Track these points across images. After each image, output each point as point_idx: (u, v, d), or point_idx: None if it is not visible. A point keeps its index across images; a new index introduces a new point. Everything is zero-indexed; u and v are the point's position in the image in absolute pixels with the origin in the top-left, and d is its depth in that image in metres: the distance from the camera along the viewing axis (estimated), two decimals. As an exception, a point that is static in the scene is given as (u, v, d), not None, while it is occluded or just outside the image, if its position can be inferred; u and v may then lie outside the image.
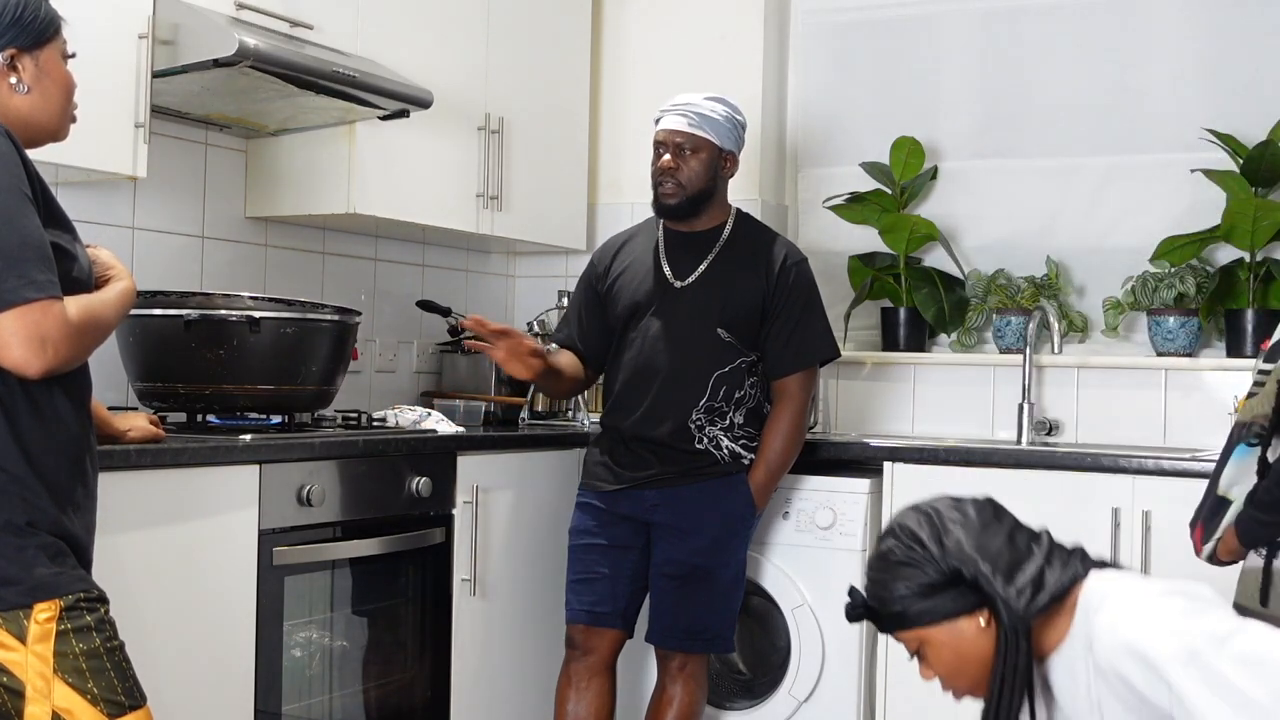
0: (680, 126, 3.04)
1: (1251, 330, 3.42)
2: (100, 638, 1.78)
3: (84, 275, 1.85)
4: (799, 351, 3.07)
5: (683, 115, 3.05)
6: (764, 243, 3.13)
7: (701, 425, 3.03)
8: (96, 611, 1.80)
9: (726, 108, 3.09)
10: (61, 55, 1.92)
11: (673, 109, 3.08)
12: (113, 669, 1.79)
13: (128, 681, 1.81)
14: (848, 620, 1.83)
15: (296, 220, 3.42)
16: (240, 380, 2.75)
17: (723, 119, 3.07)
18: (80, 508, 1.84)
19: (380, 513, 2.87)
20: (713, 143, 3.06)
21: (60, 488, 1.80)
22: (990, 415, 3.74)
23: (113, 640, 1.81)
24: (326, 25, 3.11)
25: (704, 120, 3.04)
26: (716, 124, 3.06)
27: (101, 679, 1.77)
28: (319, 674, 2.81)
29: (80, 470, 1.85)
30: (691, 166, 3.05)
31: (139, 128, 2.67)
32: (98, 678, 1.77)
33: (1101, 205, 3.74)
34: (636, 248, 3.19)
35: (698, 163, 3.05)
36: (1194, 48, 3.64)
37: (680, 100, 3.08)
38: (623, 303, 3.13)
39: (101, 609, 1.81)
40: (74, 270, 1.82)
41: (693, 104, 3.06)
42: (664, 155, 3.05)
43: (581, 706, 3.08)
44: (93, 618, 1.78)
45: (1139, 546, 2.99)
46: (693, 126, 3.04)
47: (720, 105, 3.08)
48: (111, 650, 1.80)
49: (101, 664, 1.78)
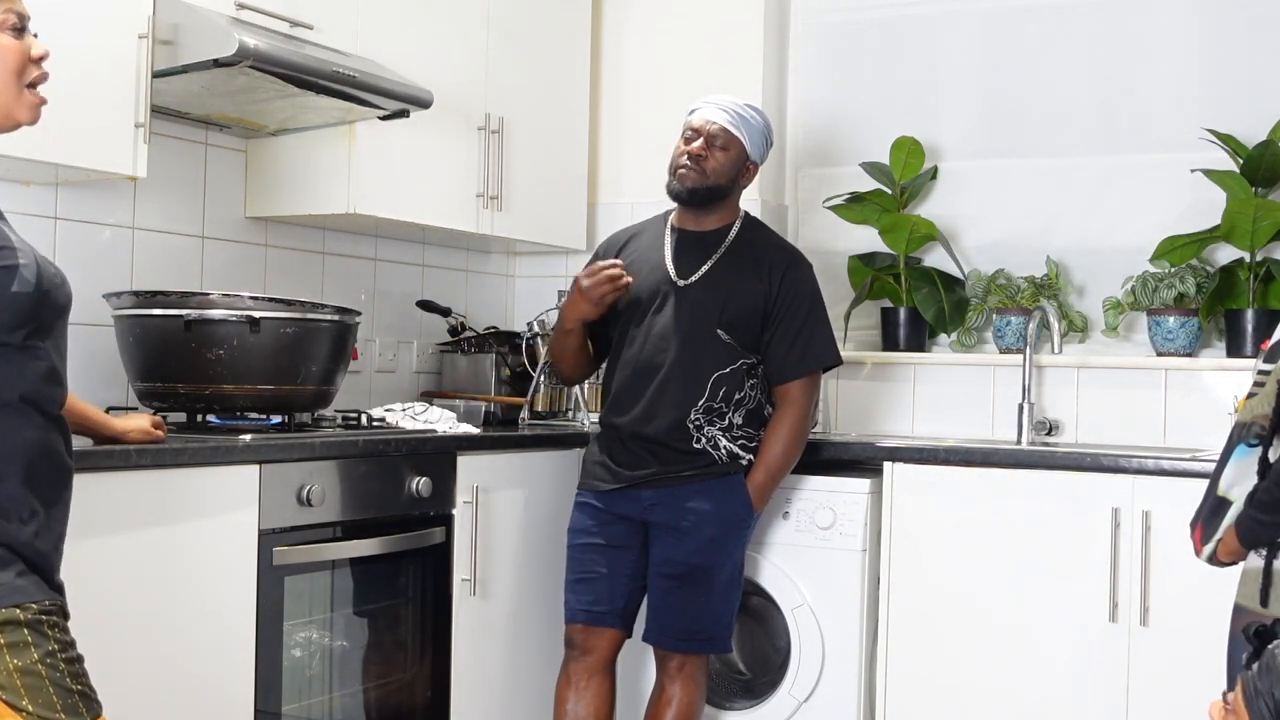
0: (719, 119, 3.07)
1: (1251, 330, 3.42)
2: (38, 653, 1.69)
3: (27, 288, 1.74)
4: (802, 357, 3.07)
5: (724, 110, 3.08)
6: (769, 247, 3.13)
7: (700, 425, 3.03)
8: (36, 626, 1.70)
9: (763, 120, 3.13)
10: (5, 28, 1.78)
11: (714, 103, 3.10)
12: (51, 685, 1.69)
13: (70, 697, 1.71)
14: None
15: (296, 220, 3.42)
16: (240, 380, 2.75)
17: (758, 128, 3.10)
18: (38, 516, 1.75)
19: (380, 513, 2.87)
20: (744, 145, 3.08)
21: (9, 497, 1.72)
22: (990, 415, 3.74)
23: (53, 656, 1.71)
24: (326, 25, 3.11)
25: (742, 122, 3.07)
26: (752, 130, 3.09)
27: (38, 696, 1.68)
28: (319, 674, 2.81)
29: (36, 479, 1.76)
30: (719, 159, 3.06)
31: (139, 128, 2.67)
32: (34, 694, 1.68)
33: (1101, 205, 3.74)
34: (643, 243, 3.20)
35: (725, 158, 3.07)
36: (1194, 48, 3.64)
37: (723, 97, 3.11)
38: (625, 298, 3.13)
39: (45, 622, 1.71)
40: (14, 284, 1.73)
41: (735, 104, 3.09)
42: (695, 141, 3.07)
43: (581, 706, 3.08)
44: (30, 633, 1.69)
45: (1139, 546, 2.99)
46: (730, 124, 3.06)
47: (758, 115, 3.12)
48: (52, 665, 1.70)
49: (39, 680, 1.68)
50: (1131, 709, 2.99)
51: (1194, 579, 2.67)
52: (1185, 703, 2.87)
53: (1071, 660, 3.05)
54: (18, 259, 1.76)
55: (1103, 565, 3.02)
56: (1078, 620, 3.05)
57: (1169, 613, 2.96)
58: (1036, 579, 3.09)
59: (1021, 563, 3.10)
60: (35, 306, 1.76)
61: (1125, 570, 3.00)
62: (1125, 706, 2.99)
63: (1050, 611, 3.07)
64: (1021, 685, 3.10)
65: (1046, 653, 3.08)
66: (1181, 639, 2.93)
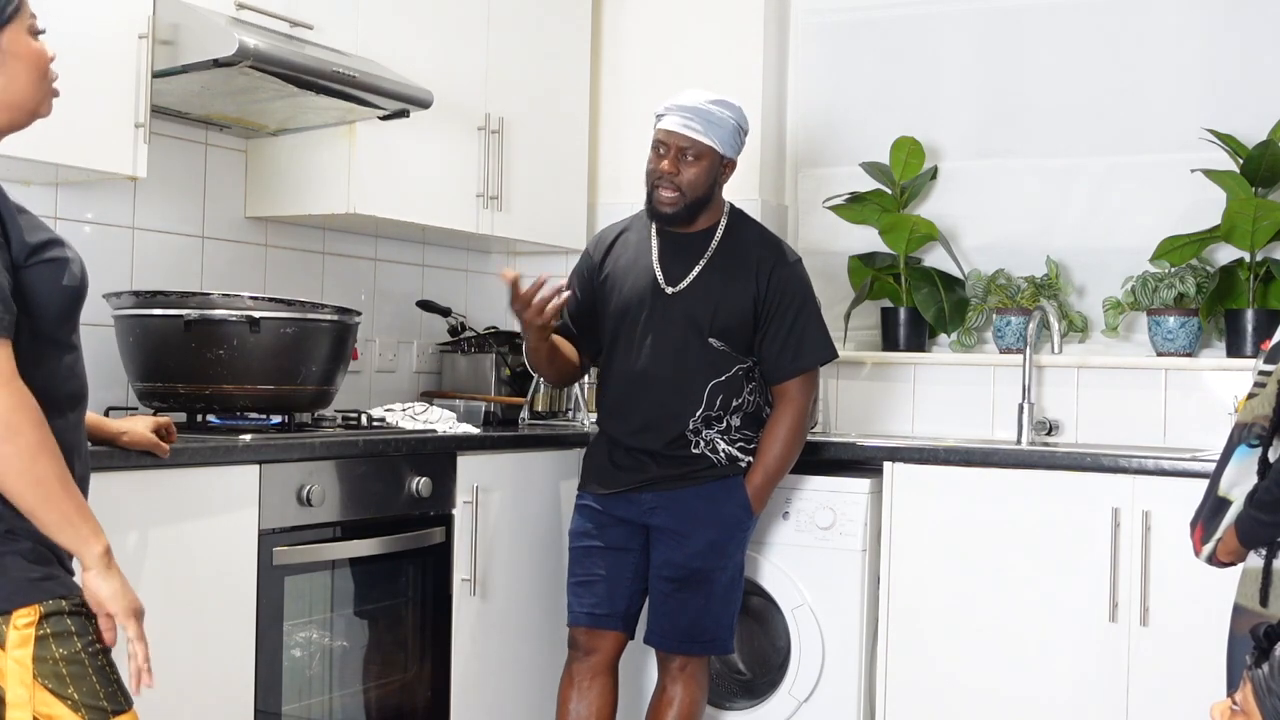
0: (684, 131, 2.95)
1: (1251, 330, 3.42)
2: (81, 642, 1.76)
3: (75, 281, 1.84)
4: (796, 355, 3.04)
5: (687, 119, 2.95)
6: (756, 244, 3.08)
7: (698, 431, 3.03)
8: (78, 616, 1.77)
9: (732, 113, 2.99)
10: (29, 32, 1.85)
11: (677, 110, 2.97)
12: (95, 674, 1.76)
13: (111, 686, 1.78)
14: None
15: (296, 220, 3.42)
16: (240, 380, 2.75)
17: (727, 125, 2.98)
18: None
19: (380, 513, 2.87)
20: (715, 150, 2.98)
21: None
22: (990, 415, 3.74)
23: (95, 645, 1.79)
24: (326, 25, 3.11)
25: (709, 126, 2.95)
26: (720, 130, 2.97)
27: (83, 684, 1.75)
28: (319, 674, 2.81)
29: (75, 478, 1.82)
30: (692, 173, 2.97)
31: (139, 128, 2.67)
32: (79, 683, 1.75)
33: (1101, 205, 3.74)
34: (630, 243, 3.15)
35: (699, 170, 2.98)
36: (1194, 48, 3.64)
37: (685, 101, 2.98)
38: (614, 303, 3.10)
39: (84, 613, 1.79)
40: (64, 278, 1.81)
41: (698, 107, 2.96)
42: (663, 158, 2.99)
43: (583, 707, 3.08)
44: (74, 622, 1.76)
45: (1139, 546, 2.99)
46: (696, 133, 2.95)
47: (726, 111, 2.98)
48: (94, 655, 1.77)
49: (83, 669, 1.75)
50: (1131, 709, 2.99)
51: (1194, 579, 2.67)
52: (1185, 703, 2.87)
53: (1071, 660, 3.05)
54: (67, 252, 1.84)
55: (1103, 565, 3.02)
56: (1078, 620, 3.05)
57: (1169, 613, 2.96)
58: (1036, 579, 3.09)
59: (1021, 563, 3.10)
60: (78, 301, 1.86)
61: (1125, 570, 3.00)
62: (1125, 706, 2.99)
63: (1050, 611, 3.07)
64: (1021, 685, 3.10)
65: (1046, 653, 3.07)
66: (1181, 639, 2.93)
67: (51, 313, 1.81)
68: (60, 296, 1.81)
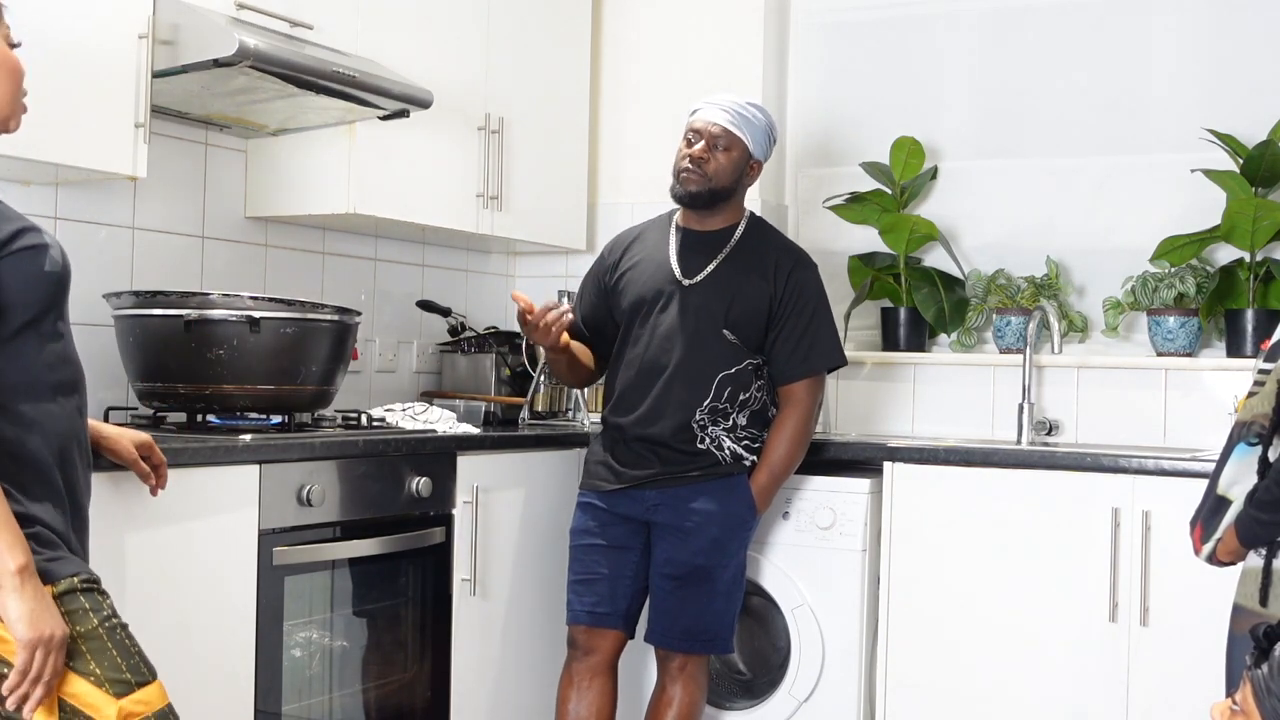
0: (720, 120, 3.04)
1: (1251, 330, 3.42)
2: (98, 618, 1.78)
3: (57, 267, 1.82)
4: (806, 358, 3.07)
5: (725, 111, 3.05)
6: (774, 247, 3.13)
7: (704, 425, 3.03)
8: (91, 593, 1.79)
9: (766, 118, 3.10)
10: (5, 41, 1.84)
11: (715, 103, 3.07)
12: (114, 648, 1.79)
13: (132, 658, 1.80)
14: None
15: (296, 220, 3.42)
16: (240, 380, 2.75)
17: (761, 127, 3.08)
18: (69, 500, 1.84)
19: (380, 513, 2.87)
20: (746, 145, 3.06)
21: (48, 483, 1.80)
22: (990, 415, 3.74)
23: (111, 619, 1.80)
24: (326, 25, 3.11)
25: (744, 121, 3.05)
26: (754, 129, 3.07)
27: (103, 659, 1.77)
28: (319, 674, 2.81)
29: (68, 463, 1.85)
30: (720, 161, 3.05)
31: (139, 128, 2.67)
32: (99, 658, 1.77)
33: (1101, 205, 3.74)
34: (648, 243, 3.19)
35: (728, 160, 3.05)
36: (1194, 48, 3.64)
37: (724, 97, 3.09)
38: (630, 297, 3.12)
39: (96, 589, 1.81)
40: (45, 264, 1.80)
41: (736, 104, 3.07)
42: (697, 144, 3.05)
43: (583, 706, 3.08)
44: (87, 599, 1.78)
45: (1139, 546, 2.99)
46: (732, 124, 3.04)
47: (761, 114, 3.09)
48: (111, 630, 1.79)
49: (102, 644, 1.77)
50: (1131, 709, 2.99)
51: (1194, 579, 2.67)
52: (1185, 703, 2.88)
53: (1071, 660, 3.05)
54: (43, 238, 1.83)
55: (1103, 565, 3.02)
56: (1078, 620, 3.05)
57: (1169, 613, 2.96)
58: (1036, 579, 3.09)
59: (1021, 563, 3.10)
60: (63, 287, 1.84)
61: (1125, 570, 3.00)
62: (1125, 706, 2.99)
63: (1050, 611, 3.07)
64: (1021, 685, 3.10)
65: (1046, 653, 3.07)
66: (1181, 639, 2.93)
67: (33, 302, 1.79)
68: (43, 284, 1.80)
